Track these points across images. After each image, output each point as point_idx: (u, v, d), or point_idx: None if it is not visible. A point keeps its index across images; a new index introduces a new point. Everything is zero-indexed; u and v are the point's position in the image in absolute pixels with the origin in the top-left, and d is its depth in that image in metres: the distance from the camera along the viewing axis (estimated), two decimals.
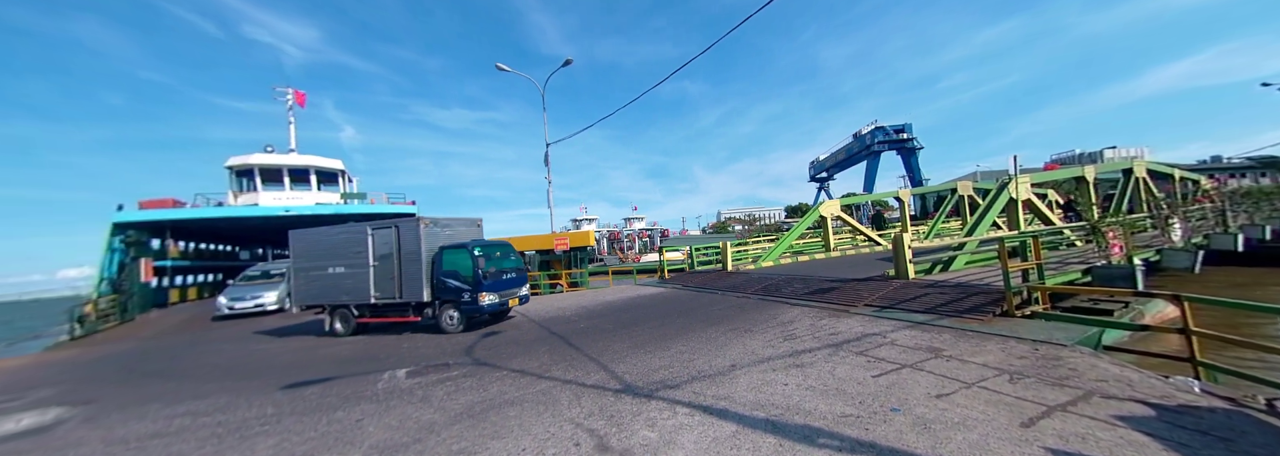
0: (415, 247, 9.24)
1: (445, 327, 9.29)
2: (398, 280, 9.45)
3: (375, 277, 9.67)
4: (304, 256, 10.28)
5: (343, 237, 9.96)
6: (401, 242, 9.41)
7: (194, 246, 22.93)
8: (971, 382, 4.05)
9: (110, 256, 16.70)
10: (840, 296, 8.32)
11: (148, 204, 18.04)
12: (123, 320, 15.21)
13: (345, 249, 9.92)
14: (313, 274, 10.17)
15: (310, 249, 10.26)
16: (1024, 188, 11.50)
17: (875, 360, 4.85)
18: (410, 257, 9.35)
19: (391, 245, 9.52)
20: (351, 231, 9.84)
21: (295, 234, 10.42)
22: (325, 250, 10.06)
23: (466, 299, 9.11)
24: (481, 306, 9.08)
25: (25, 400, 6.79)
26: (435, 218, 9.60)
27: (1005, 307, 6.22)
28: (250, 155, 20.66)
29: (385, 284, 9.63)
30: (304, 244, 10.33)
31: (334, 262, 9.97)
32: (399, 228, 9.46)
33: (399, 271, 9.45)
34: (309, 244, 10.30)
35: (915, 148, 50.31)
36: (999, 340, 5.19)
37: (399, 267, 9.47)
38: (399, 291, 9.47)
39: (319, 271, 10.10)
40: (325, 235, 10.15)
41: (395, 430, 4.15)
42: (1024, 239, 7.10)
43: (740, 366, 5.05)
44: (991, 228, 11.19)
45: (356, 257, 9.80)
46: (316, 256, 10.16)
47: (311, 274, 10.21)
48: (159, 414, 5.40)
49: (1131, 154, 45.49)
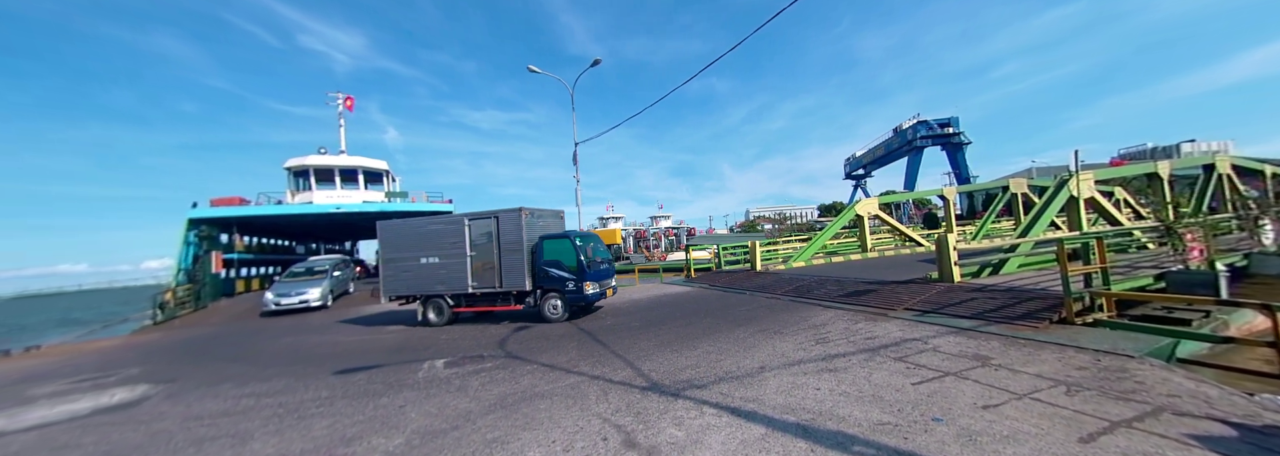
0: (516, 238, 9.38)
1: (548, 316, 9.41)
2: (497, 270, 9.58)
3: (472, 268, 9.78)
4: (393, 247, 10.31)
5: (437, 229, 10.04)
6: (501, 233, 9.53)
7: (257, 241, 24.78)
8: (1023, 393, 3.78)
9: (186, 249, 18.31)
10: (877, 299, 7.98)
11: (218, 201, 19.64)
12: (197, 307, 16.66)
13: (439, 240, 10.01)
14: (403, 264, 10.21)
15: (400, 240, 10.29)
16: (1087, 185, 10.60)
17: (915, 367, 4.62)
18: (510, 247, 9.47)
19: (490, 236, 9.65)
20: (447, 222, 10.00)
21: (383, 225, 10.45)
22: (417, 241, 10.13)
23: (571, 288, 9.28)
24: (586, 295, 9.29)
25: (117, 377, 7.59)
26: (530, 209, 9.74)
27: (1063, 314, 5.77)
28: (306, 157, 22.11)
29: (484, 274, 9.74)
30: (393, 235, 10.34)
31: (426, 253, 10.04)
32: (499, 218, 9.57)
33: (499, 261, 9.57)
34: (399, 235, 10.31)
35: (962, 142, 47.49)
36: (1055, 349, 4.82)
37: (499, 257, 9.58)
38: (499, 281, 9.58)
39: (410, 262, 10.15)
40: (417, 226, 10.22)
41: (434, 417, 4.36)
42: (1087, 240, 6.54)
43: (769, 368, 4.94)
44: (1049, 228, 10.39)
45: (453, 248, 9.87)
46: (407, 247, 10.19)
47: (402, 265, 10.24)
48: (229, 393, 5.92)
49: (1213, 148, 41.12)
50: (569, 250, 9.46)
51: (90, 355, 10.27)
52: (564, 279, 9.34)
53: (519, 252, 9.40)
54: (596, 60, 17.78)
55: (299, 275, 16.18)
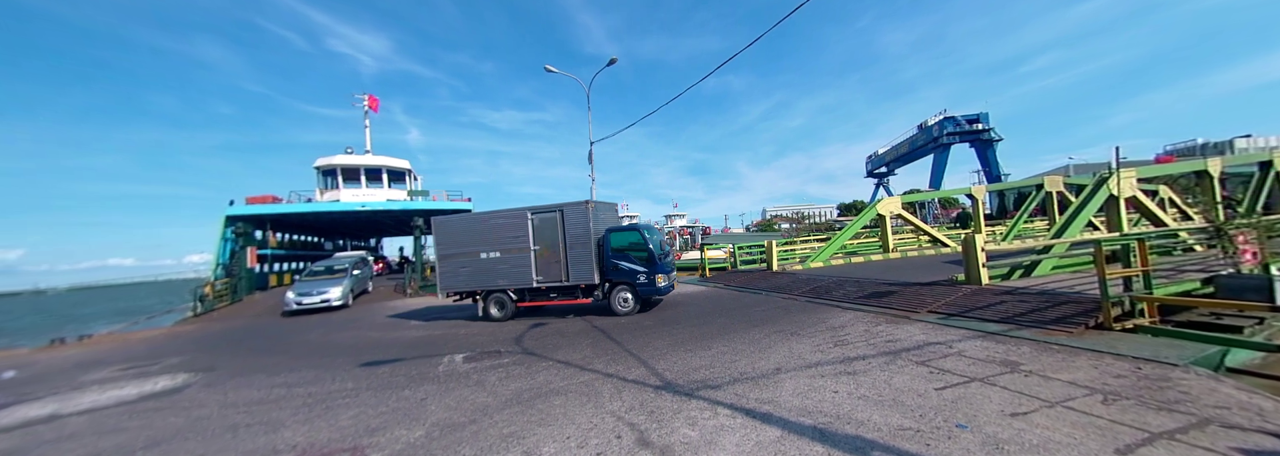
0: (583, 231, 9.32)
1: (618, 309, 9.38)
2: (563, 264, 9.49)
3: (537, 262, 9.68)
4: (450, 244, 10.20)
5: (499, 223, 9.91)
6: (566, 226, 9.43)
7: (289, 237, 25.79)
8: (1055, 401, 3.61)
9: (223, 245, 19.19)
10: (900, 301, 7.75)
11: (252, 199, 20.51)
12: (233, 300, 17.45)
13: (500, 234, 9.89)
14: (462, 260, 10.11)
15: (457, 236, 10.19)
16: (1128, 183, 10.04)
17: (939, 371, 4.47)
18: (577, 241, 9.38)
19: (555, 229, 9.55)
20: (508, 217, 9.86)
21: (439, 221, 10.35)
22: (476, 237, 10.03)
23: (642, 280, 9.29)
24: (659, 287, 9.30)
25: (161, 365, 8.03)
26: (592, 201, 9.68)
27: (1101, 319, 5.49)
28: (334, 157, 22.87)
29: (549, 268, 9.65)
30: (450, 231, 10.26)
31: (487, 248, 9.93)
32: (564, 211, 9.46)
33: (565, 255, 9.48)
34: (456, 231, 10.23)
35: (992, 139, 45.63)
36: (1091, 355, 4.59)
37: (565, 251, 9.47)
38: (565, 275, 9.50)
39: (469, 258, 10.05)
40: (476, 221, 10.15)
41: (453, 410, 4.46)
42: (1128, 242, 6.20)
43: (785, 370, 4.86)
44: (1086, 229, 9.89)
45: (515, 242, 9.78)
46: (465, 243, 10.09)
47: (460, 260, 10.13)
48: (263, 383, 6.21)
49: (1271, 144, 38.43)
50: (640, 242, 9.42)
51: (137, 344, 10.89)
52: (635, 271, 9.31)
53: (586, 246, 9.31)
54: (613, 59, 17.80)
55: (319, 274, 16.03)
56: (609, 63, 17.90)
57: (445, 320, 10.65)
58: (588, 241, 9.29)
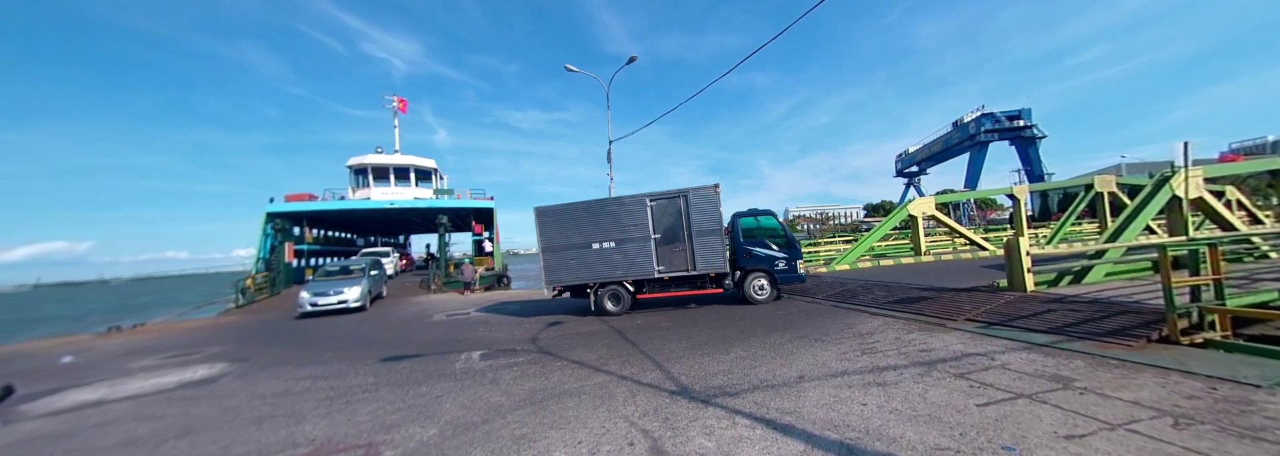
0: (712, 217, 8.98)
1: (754, 297, 9.10)
2: (689, 252, 9.07)
3: (658, 251, 9.25)
4: (556, 234, 9.60)
5: (612, 211, 9.42)
6: (690, 212, 9.06)
7: (323, 233, 26.85)
8: (1116, 424, 3.24)
9: (264, 240, 20.10)
10: (934, 307, 7.30)
11: (291, 197, 21.42)
12: (272, 293, 18.24)
13: (615, 223, 9.39)
14: (570, 252, 9.53)
15: (563, 226, 9.58)
16: (1196, 183, 9.20)
17: (980, 385, 4.12)
18: (705, 227, 8.99)
19: (677, 215, 9.17)
20: (623, 204, 9.42)
21: (542, 210, 9.71)
22: (586, 226, 9.47)
23: (782, 267, 9.03)
24: (800, 274, 9.08)
25: (202, 354, 8.41)
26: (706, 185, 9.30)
27: (1165, 332, 4.98)
28: (365, 156, 23.64)
29: (672, 257, 9.20)
30: (555, 221, 9.61)
31: (599, 238, 9.42)
32: (688, 197, 9.07)
33: (691, 242, 9.06)
34: (562, 221, 9.58)
35: (1035, 136, 43.19)
36: (1156, 372, 4.14)
37: (690, 238, 9.07)
38: (691, 263, 9.06)
39: (578, 249, 9.48)
40: (586, 210, 9.54)
41: (468, 409, 4.43)
42: (1197, 247, 5.62)
43: (809, 379, 4.59)
44: (1143, 233, 9.11)
45: (633, 231, 9.29)
46: (574, 233, 9.52)
47: (568, 253, 9.55)
48: (290, 375, 6.38)
49: None
50: (776, 227, 9.19)
51: (182, 333, 11.47)
52: (773, 257, 9.04)
53: (716, 232, 8.93)
54: (632, 57, 17.66)
55: (334, 274, 14.97)
56: (629, 61, 17.78)
57: (606, 315, 9.59)
58: (717, 227, 8.91)
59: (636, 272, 9.27)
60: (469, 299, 14.88)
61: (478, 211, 23.33)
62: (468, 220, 23.54)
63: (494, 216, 23.29)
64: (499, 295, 15.84)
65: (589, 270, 9.44)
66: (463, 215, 23.45)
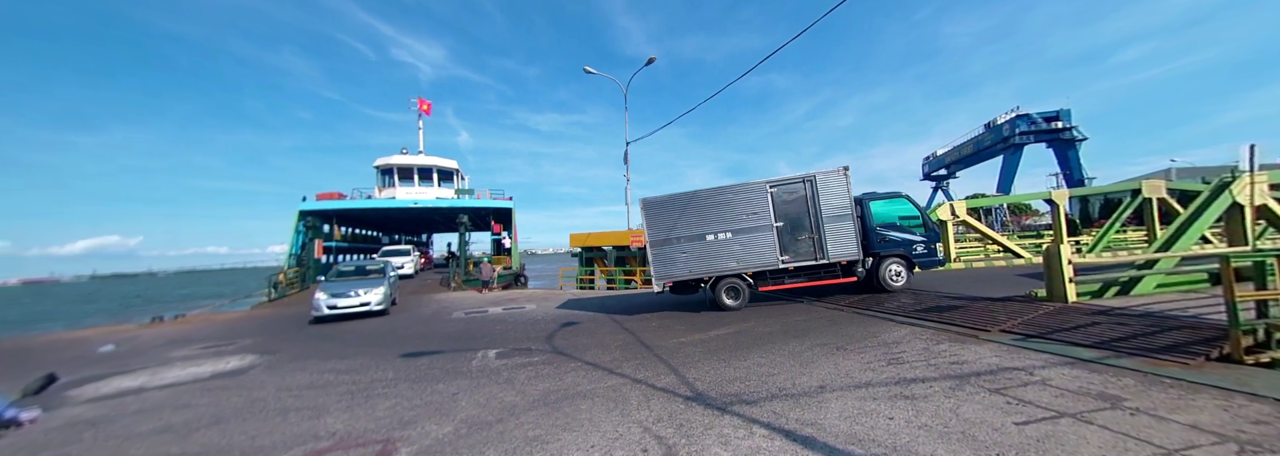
0: (842, 202, 8.75)
1: (890, 284, 8.95)
2: (817, 239, 8.79)
3: (780, 240, 8.87)
4: (665, 227, 9.10)
5: (727, 199, 8.99)
6: (819, 198, 8.77)
7: (351, 231, 27.78)
8: (1173, 449, 2.96)
9: (296, 237, 20.94)
10: (966, 317, 6.94)
11: (322, 196, 22.28)
12: (303, 288, 18.96)
13: (731, 212, 8.97)
14: (681, 245, 9.05)
15: (675, 218, 9.08)
16: (1261, 188, 8.50)
17: (1018, 402, 3.86)
18: (835, 213, 8.74)
19: (803, 202, 8.85)
20: (740, 192, 9.00)
21: (649, 202, 9.22)
22: (698, 217, 9.03)
23: (920, 250, 8.87)
24: (939, 258, 8.94)
25: (235, 346, 8.77)
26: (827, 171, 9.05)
27: (1227, 350, 4.57)
28: (391, 157, 24.38)
29: (797, 245, 8.87)
30: (663, 212, 9.13)
31: (714, 229, 8.98)
32: (814, 181, 8.81)
33: (818, 229, 8.78)
34: (672, 212, 9.10)
35: (1075, 139, 40.96)
36: (1217, 394, 3.79)
37: (818, 225, 8.79)
38: (820, 251, 8.76)
39: (690, 241, 9.02)
40: (698, 199, 9.08)
41: (482, 407, 4.45)
42: (1264, 258, 5.16)
43: (830, 389, 4.41)
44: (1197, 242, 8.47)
45: (751, 220, 8.90)
46: (685, 225, 9.06)
47: (679, 246, 9.06)
48: (315, 368, 6.58)
49: None
50: (911, 210, 8.97)
51: (219, 325, 12.00)
52: (911, 241, 8.84)
53: (846, 218, 8.67)
54: (651, 58, 17.63)
55: (349, 275, 13.56)
56: (647, 62, 17.75)
57: (724, 310, 9.20)
58: (849, 212, 8.67)
59: (757, 263, 8.90)
60: (487, 297, 15.09)
61: (497, 211, 23.73)
62: (487, 220, 23.97)
63: (512, 216, 23.65)
64: (516, 294, 16.03)
65: (703, 263, 8.98)
66: (482, 215, 23.88)
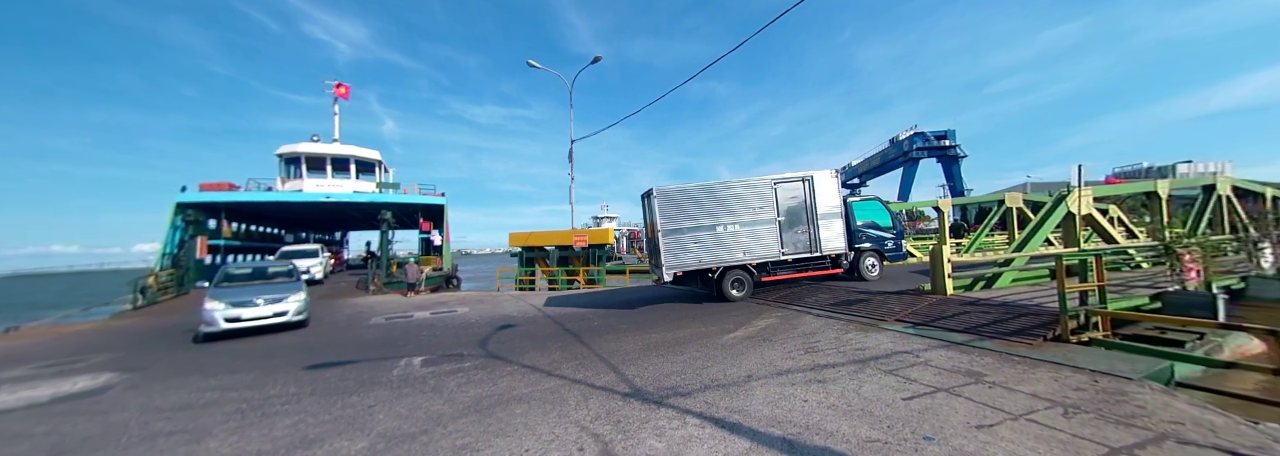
0: (834, 201, 9.66)
1: (866, 274, 10.19)
2: (812, 233, 9.56)
3: (783, 233, 9.45)
4: (677, 216, 9.21)
5: (735, 193, 9.38)
6: (816, 196, 9.60)
7: (245, 227, 24.44)
8: (1018, 414, 3.63)
9: (173, 233, 18.01)
10: (869, 309, 7.84)
11: (207, 186, 19.36)
12: (179, 293, 16.34)
13: (740, 204, 9.35)
14: (692, 235, 9.17)
15: (687, 207, 9.25)
16: (1086, 201, 10.53)
17: (906, 381, 4.47)
18: (830, 210, 9.62)
19: (800, 199, 9.57)
20: (748, 186, 9.45)
21: (662, 191, 9.30)
22: (710, 207, 9.28)
23: (891, 246, 10.23)
24: (903, 252, 10.21)
25: (85, 363, 7.33)
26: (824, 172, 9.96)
27: (1058, 332, 5.64)
28: (298, 144, 21.81)
29: (795, 238, 9.54)
30: (675, 201, 9.27)
31: (725, 220, 9.30)
32: (812, 181, 9.65)
33: (813, 224, 9.55)
34: (684, 201, 9.28)
35: (958, 155, 47.54)
36: (1050, 367, 4.69)
37: (813, 220, 9.54)
38: (814, 245, 9.57)
39: (701, 231, 9.19)
40: (710, 191, 9.38)
41: (404, 419, 4.16)
42: (1085, 257, 6.44)
43: (757, 377, 4.78)
44: (1043, 244, 10.30)
45: (758, 213, 9.38)
46: (697, 215, 9.23)
47: (690, 235, 9.17)
48: (195, 385, 5.70)
49: (1211, 170, 41.39)
50: (882, 211, 10.27)
51: (66, 338, 9.97)
52: (883, 238, 10.13)
53: (836, 215, 9.68)
54: (597, 57, 17.66)
55: (245, 278, 10.54)
56: (593, 60, 17.75)
57: (728, 301, 9.57)
58: (839, 210, 9.73)
59: (760, 254, 9.48)
60: (413, 301, 14.11)
61: (427, 208, 22.22)
62: (415, 217, 22.36)
63: (444, 213, 22.27)
64: (447, 297, 15.15)
65: (713, 253, 9.36)
66: (409, 211, 22.24)
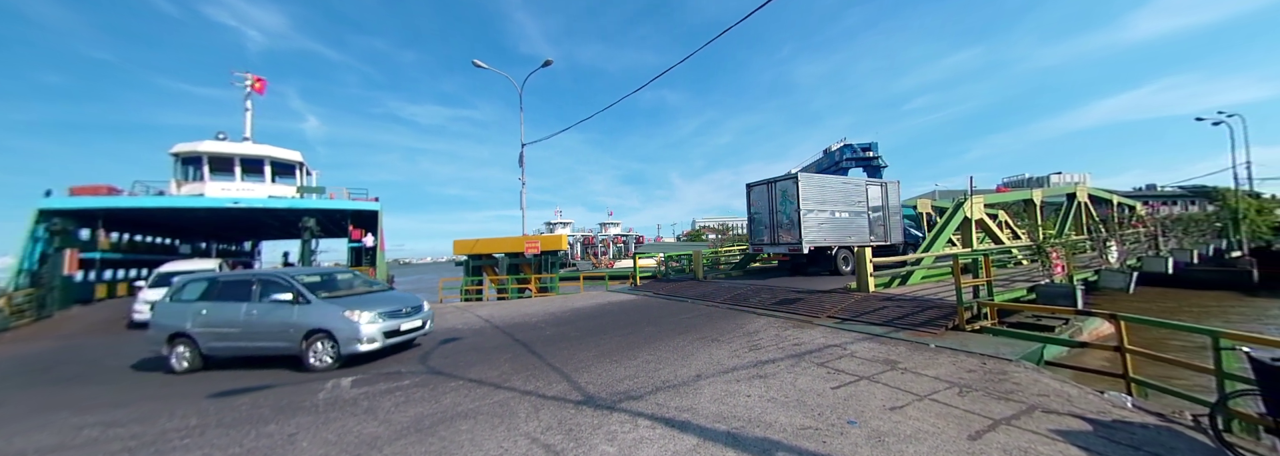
0: (896, 203, 12.85)
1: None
2: (886, 227, 12.81)
3: (871, 224, 12.62)
4: (815, 200, 12.27)
5: (846, 188, 12.90)
6: (889, 196, 12.99)
7: (129, 238, 21.23)
8: (923, 395, 4.16)
9: (32, 246, 15.25)
10: (805, 307, 8.47)
11: (79, 190, 16.63)
12: (39, 316, 13.86)
13: (849, 197, 12.69)
14: (821, 215, 12.22)
15: (821, 193, 12.47)
16: (978, 207, 12.12)
17: (835, 372, 4.93)
18: (893, 211, 12.87)
19: (883, 197, 12.85)
20: (854, 183, 13.05)
21: (805, 177, 12.30)
22: (834, 196, 12.60)
23: (916, 242, 13.38)
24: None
25: None
26: None
27: (956, 322, 6.48)
28: (199, 142, 19.34)
29: (877, 229, 12.83)
30: (816, 189, 12.41)
31: (841, 208, 12.48)
32: (888, 186, 13.22)
33: (887, 220, 12.73)
34: (821, 189, 12.53)
35: (880, 166, 52.70)
36: (950, 354, 5.38)
37: (886, 218, 12.71)
38: (888, 236, 12.82)
39: (826, 215, 12.34)
40: (836, 183, 12.94)
41: (332, 446, 3.83)
42: (976, 256, 7.45)
43: (705, 376, 5.03)
44: (947, 245, 11.73)
45: (858, 206, 12.68)
46: (825, 201, 12.37)
47: (820, 215, 12.27)
48: (66, 423, 4.89)
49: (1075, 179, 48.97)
50: (914, 215, 15.18)
51: None
52: (918, 237, 13.47)
53: (898, 214, 12.71)
54: (547, 61, 17.53)
55: (323, 286, 7.49)
56: (544, 64, 17.58)
57: (840, 276, 12.12)
58: (901, 212, 12.71)
59: (859, 240, 12.49)
60: None
61: (357, 214, 20.57)
62: (343, 224, 20.61)
63: (379, 220, 20.73)
64: None
65: (833, 234, 12.48)
66: (336, 218, 20.48)
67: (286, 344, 6.66)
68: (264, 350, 6.83)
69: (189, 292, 7.44)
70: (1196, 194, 37.81)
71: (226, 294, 7.20)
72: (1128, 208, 22.91)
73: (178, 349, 7.01)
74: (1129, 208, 22.98)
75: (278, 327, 6.68)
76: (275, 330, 6.69)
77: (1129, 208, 22.98)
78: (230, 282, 7.42)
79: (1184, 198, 42.68)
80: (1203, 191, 34.75)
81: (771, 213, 12.89)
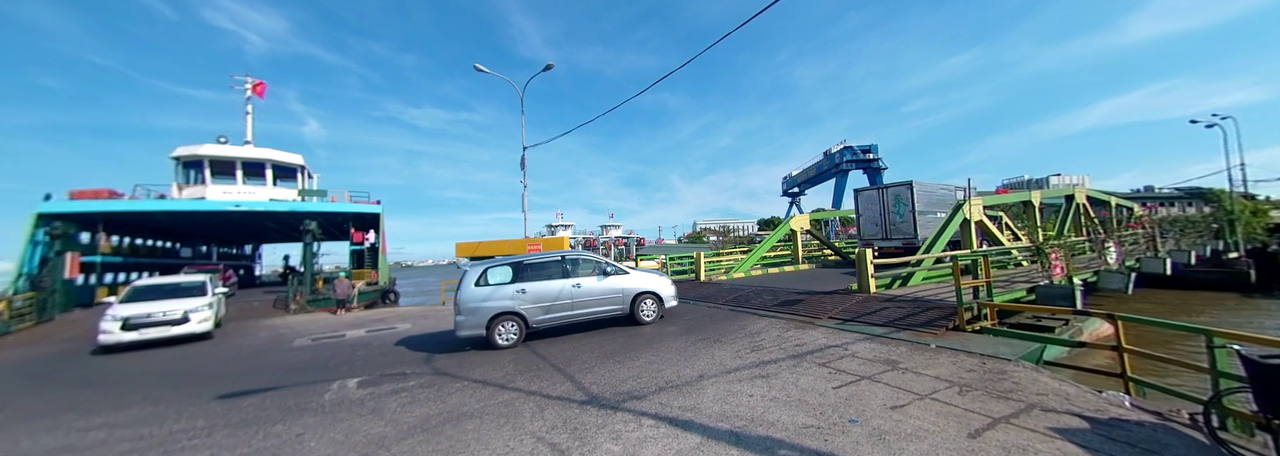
0: (923, 206, 14.41)
1: None
2: (914, 227, 14.08)
3: (919, 226, 13.99)
4: (925, 203, 14.29)
5: (944, 193, 14.91)
6: (915, 199, 14.31)
7: (129, 241, 21.29)
8: (924, 394, 4.21)
9: (32, 249, 15.33)
10: (806, 308, 8.52)
11: (79, 194, 16.70)
12: (40, 320, 13.90)
13: (944, 200, 14.52)
14: (928, 216, 14.05)
15: (867, 203, 15.43)
16: (977, 209, 12.18)
17: (836, 372, 4.98)
18: (920, 213, 14.59)
19: (909, 202, 14.43)
20: (926, 187, 14.58)
21: (920, 184, 14.29)
22: (936, 200, 14.46)
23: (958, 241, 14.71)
24: None
25: None
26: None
27: (957, 322, 6.53)
28: (200, 145, 19.43)
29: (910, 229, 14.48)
30: (925, 192, 14.35)
31: (938, 209, 14.22)
32: (913, 187, 14.36)
33: (914, 222, 14.08)
34: (868, 201, 15.37)
35: (880, 167, 52.82)
36: (950, 353, 5.43)
37: (914, 219, 14.06)
38: (917, 234, 14.13)
39: (931, 215, 14.08)
40: (930, 188, 14.66)
41: (339, 445, 3.91)
42: (976, 257, 7.51)
43: (708, 376, 5.08)
44: (946, 246, 11.78)
45: (904, 209, 14.29)
46: (930, 203, 14.36)
47: (867, 216, 15.24)
48: (71, 425, 4.94)
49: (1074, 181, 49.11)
50: None
51: None
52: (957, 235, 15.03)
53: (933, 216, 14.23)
54: (549, 65, 17.62)
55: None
56: (545, 68, 17.67)
57: None
58: (921, 214, 14.17)
59: (905, 238, 14.25)
60: (344, 319, 13.09)
61: (359, 217, 20.64)
62: (344, 227, 20.69)
63: (380, 222, 20.80)
64: (384, 313, 14.20)
65: (878, 232, 15.15)
66: (338, 221, 20.55)
67: (619, 307, 8.20)
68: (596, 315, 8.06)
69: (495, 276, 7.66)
70: (1193, 195, 37.97)
71: (540, 275, 7.79)
72: (1126, 209, 23.01)
73: (502, 326, 7.38)
74: (1127, 209, 23.08)
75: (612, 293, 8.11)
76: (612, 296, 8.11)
77: (1127, 209, 23.08)
78: (536, 264, 7.96)
79: (1181, 199, 42.88)
80: (1199, 193, 34.88)
81: (884, 213, 15.12)
